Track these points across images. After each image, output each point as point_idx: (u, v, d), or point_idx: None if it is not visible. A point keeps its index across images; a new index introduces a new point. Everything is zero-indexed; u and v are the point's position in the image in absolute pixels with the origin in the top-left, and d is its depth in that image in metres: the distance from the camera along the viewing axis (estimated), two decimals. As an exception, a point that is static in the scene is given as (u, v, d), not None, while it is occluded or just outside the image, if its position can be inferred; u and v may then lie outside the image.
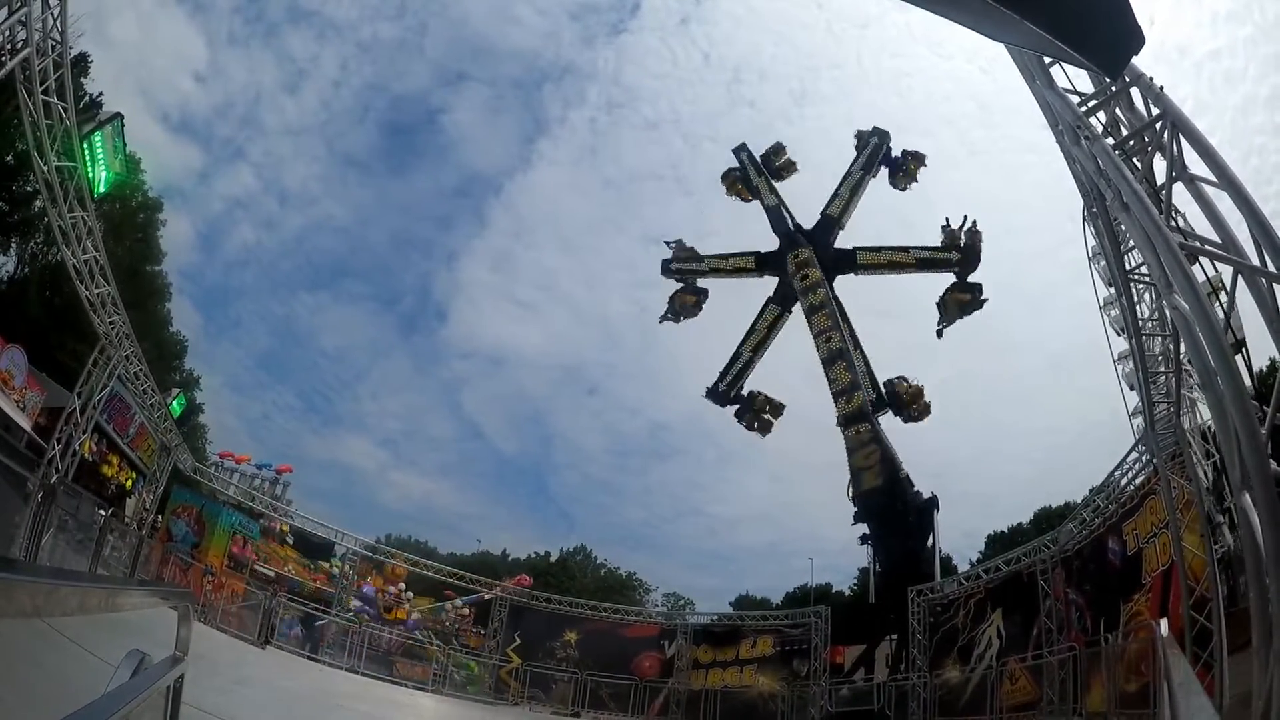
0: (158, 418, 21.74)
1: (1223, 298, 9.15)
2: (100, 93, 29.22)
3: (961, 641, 20.29)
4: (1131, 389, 15.45)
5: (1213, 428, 11.17)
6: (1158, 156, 9.11)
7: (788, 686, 23.14)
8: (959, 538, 66.15)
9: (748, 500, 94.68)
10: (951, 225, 29.53)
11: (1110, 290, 14.81)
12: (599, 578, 53.90)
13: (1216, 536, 12.17)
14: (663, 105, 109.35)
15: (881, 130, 32.65)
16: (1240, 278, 7.82)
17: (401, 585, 26.66)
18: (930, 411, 28.16)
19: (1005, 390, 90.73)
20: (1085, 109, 9.95)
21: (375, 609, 24.38)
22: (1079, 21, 1.59)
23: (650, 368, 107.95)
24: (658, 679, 24.86)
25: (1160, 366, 13.55)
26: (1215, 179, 8.30)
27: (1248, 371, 8.82)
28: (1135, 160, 9.35)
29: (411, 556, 28.74)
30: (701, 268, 33.12)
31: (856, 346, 29.69)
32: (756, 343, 31.64)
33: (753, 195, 33.22)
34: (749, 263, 32.23)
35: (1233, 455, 7.39)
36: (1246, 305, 7.86)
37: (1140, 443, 15.49)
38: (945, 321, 29.00)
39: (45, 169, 14.51)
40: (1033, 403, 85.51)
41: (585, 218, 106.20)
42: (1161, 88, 8.98)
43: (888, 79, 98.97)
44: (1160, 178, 8.98)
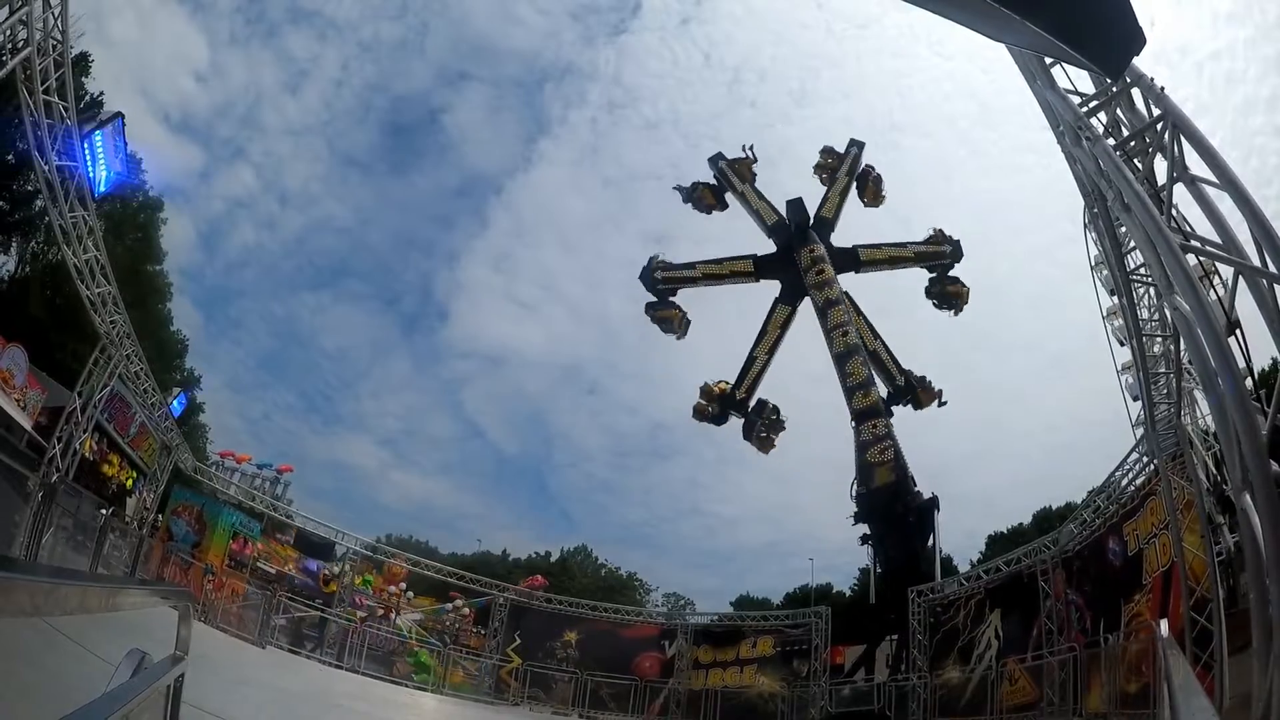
0: (158, 417, 21.75)
1: (1215, 282, 9.16)
2: (101, 92, 29.27)
3: (962, 642, 20.28)
4: (1135, 400, 15.42)
5: (1213, 428, 11.17)
6: (1158, 157, 9.11)
7: (788, 687, 23.14)
8: (959, 538, 66.18)
9: (748, 500, 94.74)
10: (940, 230, 31.45)
11: (1113, 300, 14.80)
12: (599, 578, 53.88)
13: (1217, 537, 12.17)
14: (663, 105, 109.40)
15: (860, 141, 33.50)
16: (1241, 278, 7.82)
17: (402, 585, 26.66)
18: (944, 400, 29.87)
19: (1005, 390, 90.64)
20: (1086, 109, 9.95)
21: (372, 617, 24.35)
22: (1080, 22, 1.59)
23: (650, 367, 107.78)
24: (658, 679, 24.85)
25: (1161, 367, 13.54)
26: (1216, 180, 8.31)
27: (1249, 372, 8.81)
28: (1136, 161, 9.35)
29: (412, 556, 28.75)
30: (692, 274, 31.74)
31: (876, 337, 30.27)
32: (770, 344, 30.82)
33: (739, 201, 32.59)
34: (746, 266, 31.34)
35: (1233, 456, 7.39)
36: (1247, 305, 7.87)
37: (1141, 443, 15.49)
38: (955, 310, 30.74)
39: (46, 168, 14.52)
40: (1033, 402, 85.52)
41: (586, 217, 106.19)
42: (1162, 88, 8.98)
43: (888, 79, 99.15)
44: (1161, 178, 8.98)
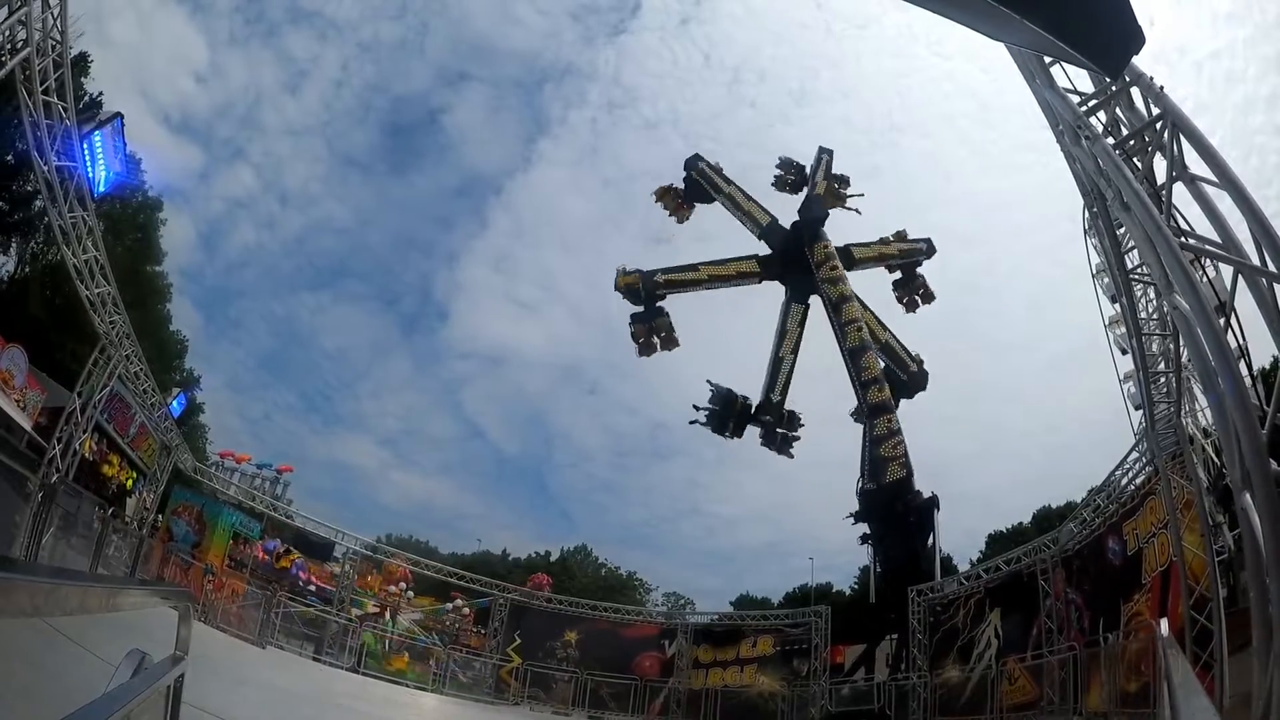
0: (158, 417, 21.75)
1: (1209, 270, 9.15)
2: (100, 92, 29.27)
3: (961, 641, 20.29)
4: (1137, 409, 15.40)
5: (1213, 427, 11.18)
6: (1158, 156, 9.10)
7: (788, 686, 23.14)
8: (959, 537, 66.09)
9: (747, 500, 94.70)
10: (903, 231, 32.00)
11: (1115, 308, 14.80)
12: (599, 577, 53.90)
13: (1217, 536, 12.17)
14: (663, 105, 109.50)
15: (829, 149, 33.28)
16: (1241, 277, 7.82)
17: (402, 585, 26.65)
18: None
19: (1005, 389, 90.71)
20: (1085, 109, 9.95)
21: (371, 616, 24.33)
22: (1079, 21, 1.59)
23: (650, 367, 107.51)
24: (658, 679, 24.85)
25: (1161, 366, 13.54)
26: (1215, 179, 8.30)
27: (1248, 371, 8.81)
28: (1135, 160, 9.35)
29: (412, 556, 28.76)
30: (695, 277, 30.17)
31: (885, 329, 30.32)
32: (794, 344, 29.96)
33: (726, 205, 31.74)
34: (752, 266, 30.27)
35: (1233, 455, 7.39)
36: (1247, 305, 7.86)
37: (1141, 442, 15.49)
38: (916, 307, 31.60)
39: (45, 168, 14.51)
40: (1032, 402, 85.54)
41: (585, 217, 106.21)
42: (1162, 87, 8.98)
43: (887, 79, 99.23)
44: (1160, 177, 8.98)
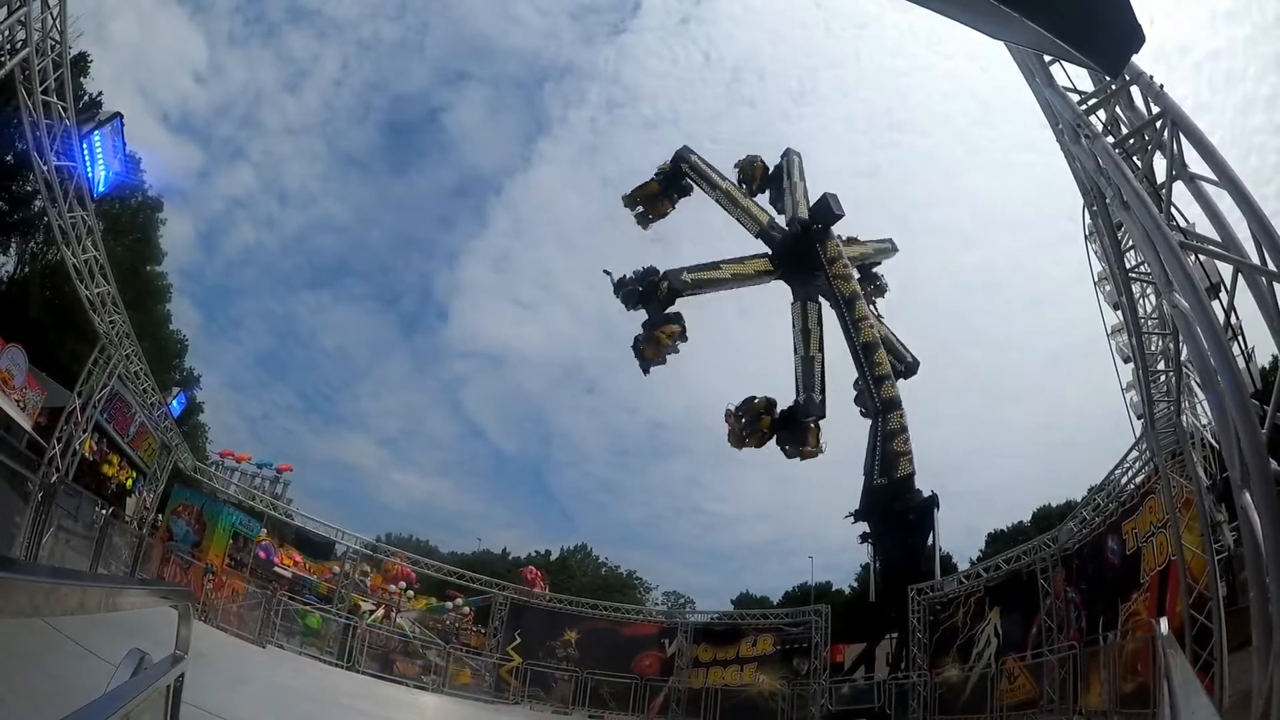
0: (158, 417, 21.74)
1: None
2: (100, 92, 29.25)
3: (961, 640, 20.30)
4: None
5: (1213, 426, 11.18)
6: (1158, 155, 9.11)
7: (788, 685, 23.15)
8: (959, 536, 66.07)
9: (747, 498, 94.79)
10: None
11: (1118, 317, 14.82)
12: (599, 576, 53.91)
13: (1216, 535, 12.18)
14: (662, 105, 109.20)
15: (796, 151, 32.57)
16: (1241, 276, 7.81)
17: (402, 585, 26.66)
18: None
19: (1004, 387, 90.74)
20: (1085, 107, 9.95)
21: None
22: (1079, 20, 1.59)
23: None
24: (658, 677, 24.87)
25: (1160, 365, 13.54)
26: (1215, 178, 8.29)
27: (1248, 370, 8.81)
28: (1135, 159, 9.35)
29: (412, 555, 28.78)
30: (720, 276, 28.37)
31: (882, 322, 30.09)
32: (819, 341, 29.00)
33: (723, 203, 30.67)
34: (766, 264, 29.27)
35: (1233, 454, 7.38)
36: (1247, 304, 7.86)
37: (1140, 441, 15.49)
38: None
39: (45, 168, 14.51)
40: (1032, 399, 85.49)
41: (585, 217, 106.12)
42: (1161, 86, 8.98)
43: (886, 78, 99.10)
44: (1160, 176, 8.98)
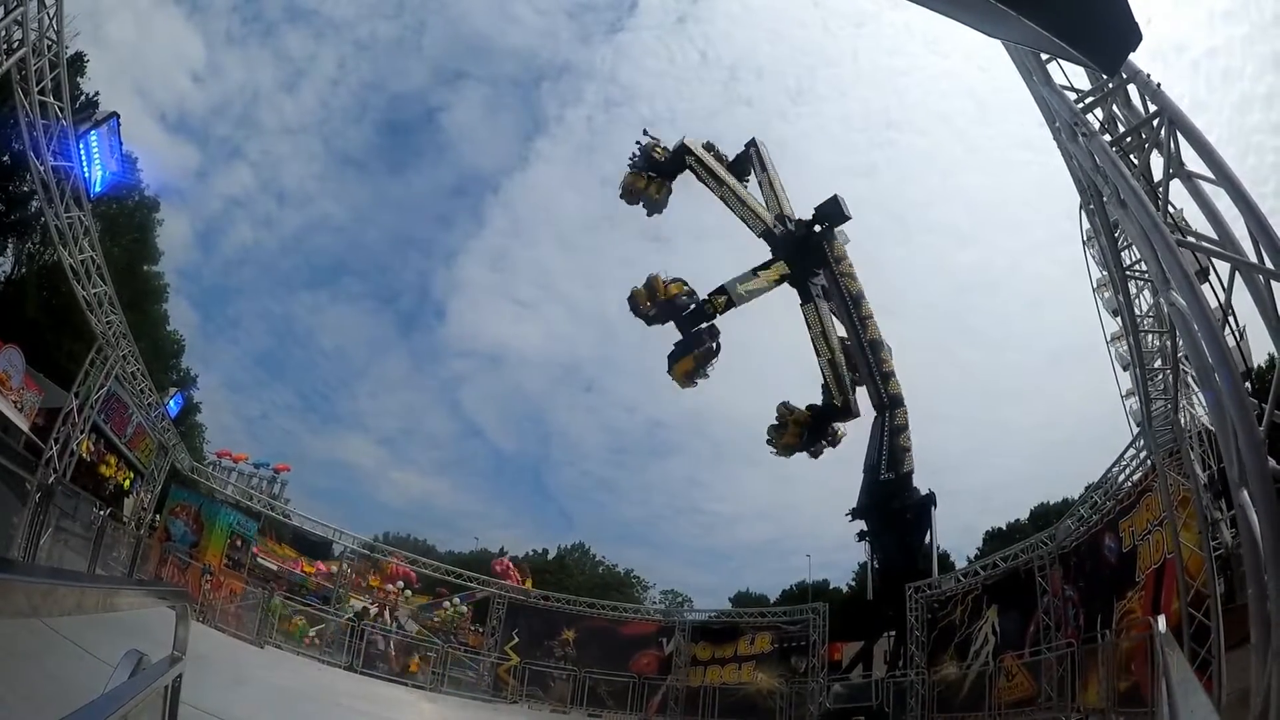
0: (155, 417, 21.71)
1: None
2: (97, 92, 29.18)
3: (959, 638, 20.33)
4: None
5: (1210, 424, 11.19)
6: (1155, 153, 9.11)
7: (786, 683, 23.17)
8: (957, 534, 66.10)
9: (745, 497, 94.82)
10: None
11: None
12: (597, 575, 53.89)
13: (1214, 533, 12.19)
14: (660, 104, 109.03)
15: (760, 141, 30.48)
16: (1238, 275, 7.82)
17: (400, 584, 26.64)
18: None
19: (1002, 385, 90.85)
20: (1082, 106, 9.96)
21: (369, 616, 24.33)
22: (1077, 18, 1.59)
23: (648, 365, 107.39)
24: (656, 676, 24.89)
25: (1158, 363, 13.56)
26: (1212, 176, 8.30)
27: (1245, 368, 8.83)
28: (1132, 157, 9.36)
29: (410, 555, 28.77)
30: (760, 285, 26.35)
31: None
32: (837, 341, 27.65)
33: (725, 199, 28.42)
34: (782, 269, 27.65)
35: (1231, 452, 7.40)
36: (1244, 302, 7.87)
37: (1138, 439, 15.51)
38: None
39: (41, 169, 14.47)
40: (1030, 398, 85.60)
41: (583, 216, 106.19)
42: (1159, 84, 8.98)
43: (884, 77, 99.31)
44: (1157, 175, 8.98)
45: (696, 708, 23.54)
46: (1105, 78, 9.30)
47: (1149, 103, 9.16)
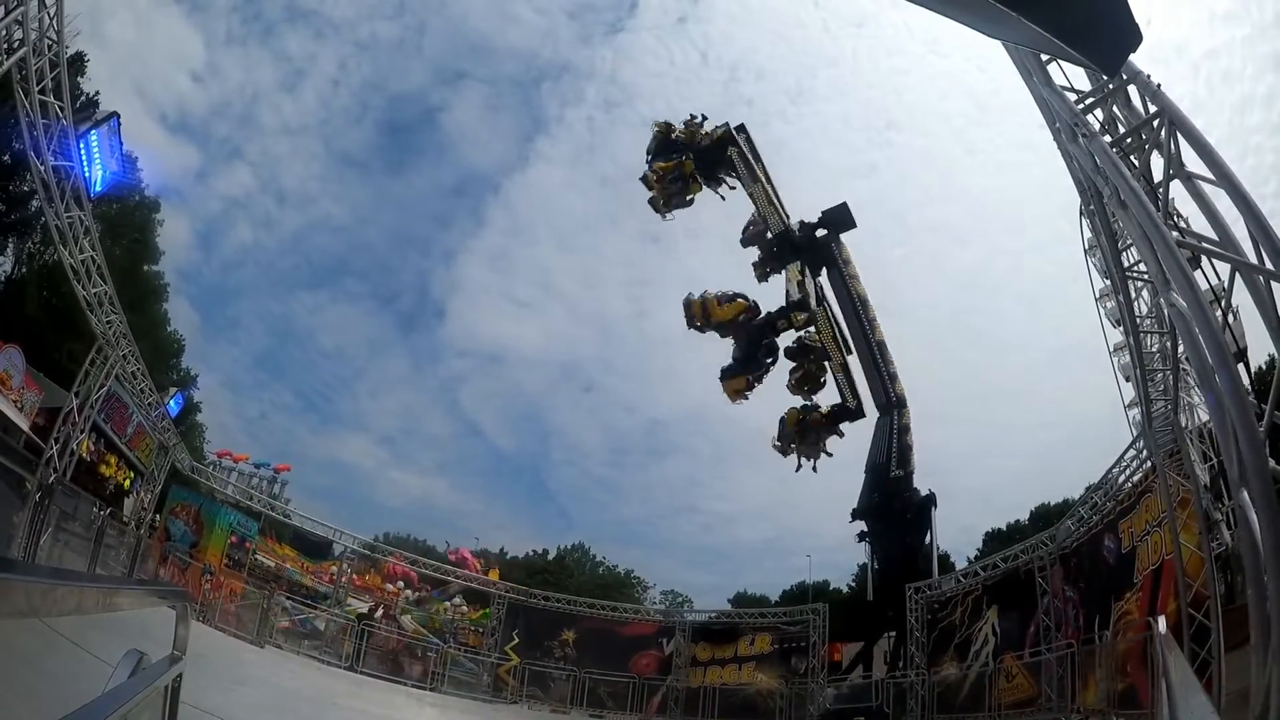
0: (155, 417, 21.71)
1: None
2: (97, 92, 29.25)
3: (959, 638, 20.33)
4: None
5: (1210, 425, 11.19)
6: (1155, 154, 9.10)
7: (786, 684, 23.17)
8: (957, 534, 66.27)
9: (745, 497, 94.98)
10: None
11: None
12: (597, 575, 53.88)
13: (1214, 534, 12.19)
14: (660, 104, 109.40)
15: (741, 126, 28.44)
16: (1239, 276, 7.82)
17: (400, 584, 26.62)
18: None
19: (1003, 386, 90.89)
20: (1082, 106, 9.95)
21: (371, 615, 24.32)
22: (1077, 19, 1.59)
23: (647, 365, 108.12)
24: (656, 677, 24.87)
25: (1158, 364, 13.55)
26: (1213, 177, 8.30)
27: (1246, 369, 8.83)
28: (1132, 158, 9.35)
29: (410, 555, 28.75)
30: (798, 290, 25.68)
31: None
32: (846, 344, 27.21)
33: (753, 195, 27.07)
34: (798, 271, 27.03)
35: (1231, 453, 7.39)
36: (1245, 303, 7.87)
37: (1138, 440, 15.51)
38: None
39: (42, 168, 14.48)
40: (1030, 398, 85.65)
41: (583, 216, 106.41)
42: (1159, 85, 8.98)
43: (884, 77, 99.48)
44: (1158, 175, 8.98)
45: (696, 708, 23.53)
46: (1105, 78, 9.30)
47: (1149, 103, 9.16)
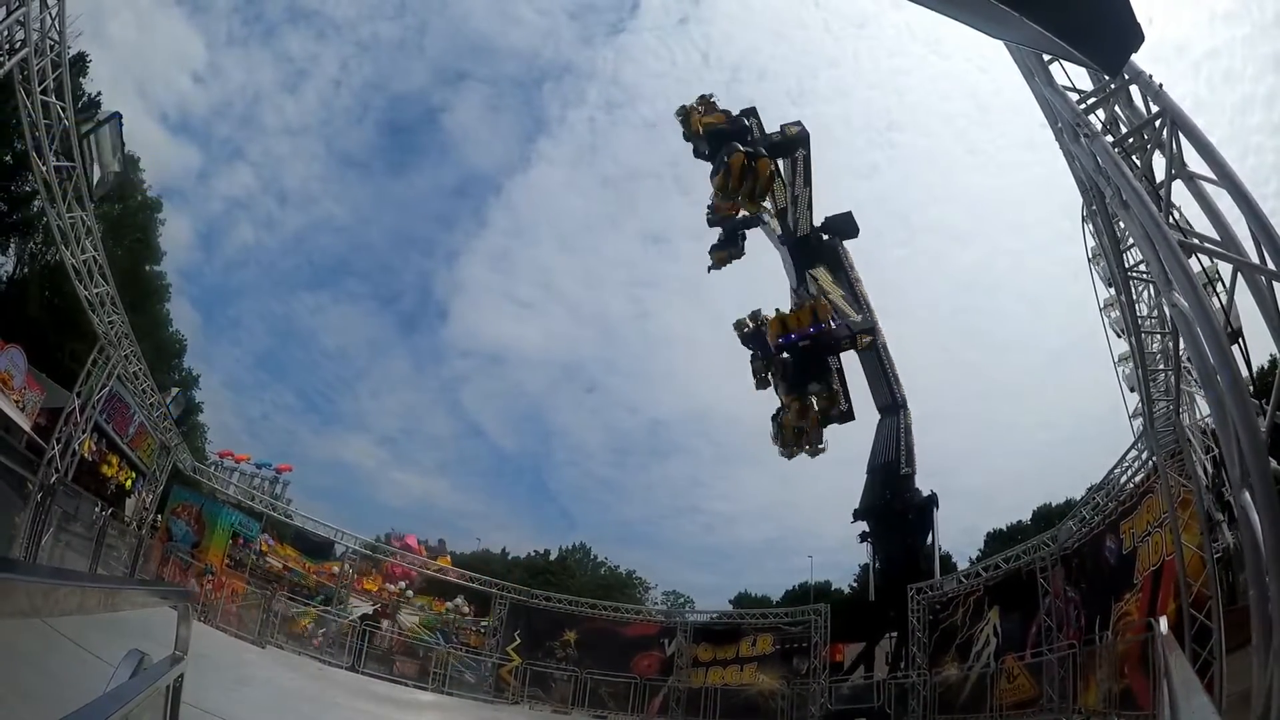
0: (157, 417, 21.73)
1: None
2: (99, 92, 29.08)
3: (960, 639, 20.31)
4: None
5: (1212, 425, 11.17)
6: (1157, 154, 9.10)
7: (788, 684, 23.16)
8: (958, 535, 66.02)
9: (747, 497, 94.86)
10: None
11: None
12: (598, 576, 53.83)
13: (1215, 534, 12.17)
14: (661, 105, 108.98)
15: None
16: (1240, 275, 7.81)
17: (402, 584, 26.64)
18: None
19: (1004, 386, 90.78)
20: (1084, 106, 9.95)
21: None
22: (1079, 19, 1.59)
23: (649, 366, 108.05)
24: (657, 677, 24.87)
25: (1160, 364, 13.54)
26: (1214, 177, 8.29)
27: (1247, 369, 8.82)
28: (1134, 158, 9.35)
29: (411, 555, 28.76)
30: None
31: None
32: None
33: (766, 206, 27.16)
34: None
35: (1232, 453, 7.39)
36: (1246, 303, 7.86)
37: (1140, 440, 15.48)
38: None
39: (44, 169, 14.49)
40: (1032, 399, 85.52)
41: (584, 216, 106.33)
42: (1160, 85, 8.98)
43: (885, 78, 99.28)
44: (1159, 175, 8.97)
45: (698, 709, 23.51)
46: (1107, 78, 9.30)
47: (1151, 103, 9.16)
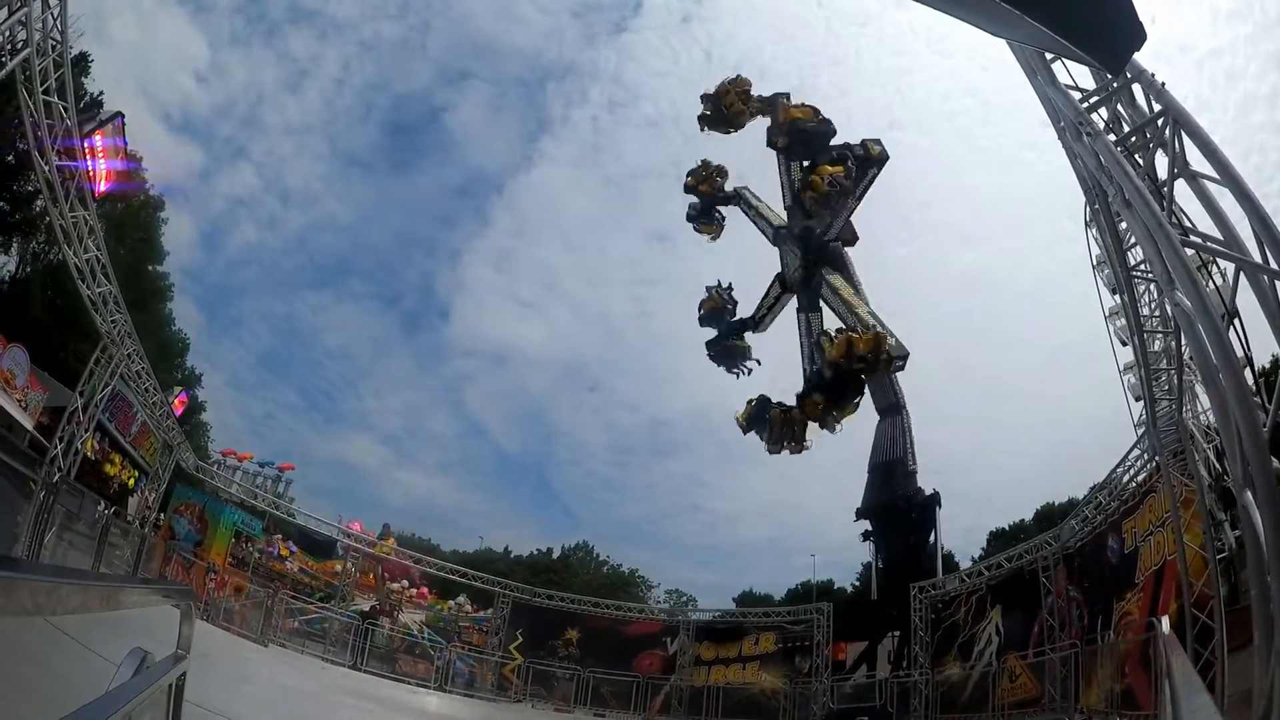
0: (160, 416, 21.75)
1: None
2: (101, 92, 29.22)
3: (963, 638, 20.30)
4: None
5: (1215, 425, 11.16)
6: (1159, 153, 9.08)
7: (790, 683, 23.17)
8: (961, 534, 65.81)
9: (750, 496, 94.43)
10: None
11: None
12: (601, 574, 53.81)
13: (1218, 534, 12.15)
14: (664, 104, 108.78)
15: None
16: (1243, 274, 7.80)
17: (404, 583, 26.68)
18: None
19: (1006, 385, 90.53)
20: (1087, 105, 9.93)
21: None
22: (1081, 17, 1.59)
23: (651, 365, 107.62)
24: (660, 676, 24.88)
25: (1162, 363, 13.52)
26: (1217, 176, 8.27)
27: (1250, 368, 8.79)
28: (1137, 157, 9.33)
29: (414, 554, 28.80)
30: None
31: None
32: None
33: (748, 212, 24.30)
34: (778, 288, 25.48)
35: (1234, 452, 7.37)
36: (1248, 302, 7.85)
37: (1142, 440, 15.46)
38: None
39: (46, 168, 14.51)
40: (1034, 398, 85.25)
41: (587, 216, 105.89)
42: (1163, 84, 8.96)
43: (887, 76, 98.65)
44: (1162, 174, 8.95)
45: (700, 708, 23.52)
46: (1110, 77, 9.28)
47: (1153, 102, 9.14)
